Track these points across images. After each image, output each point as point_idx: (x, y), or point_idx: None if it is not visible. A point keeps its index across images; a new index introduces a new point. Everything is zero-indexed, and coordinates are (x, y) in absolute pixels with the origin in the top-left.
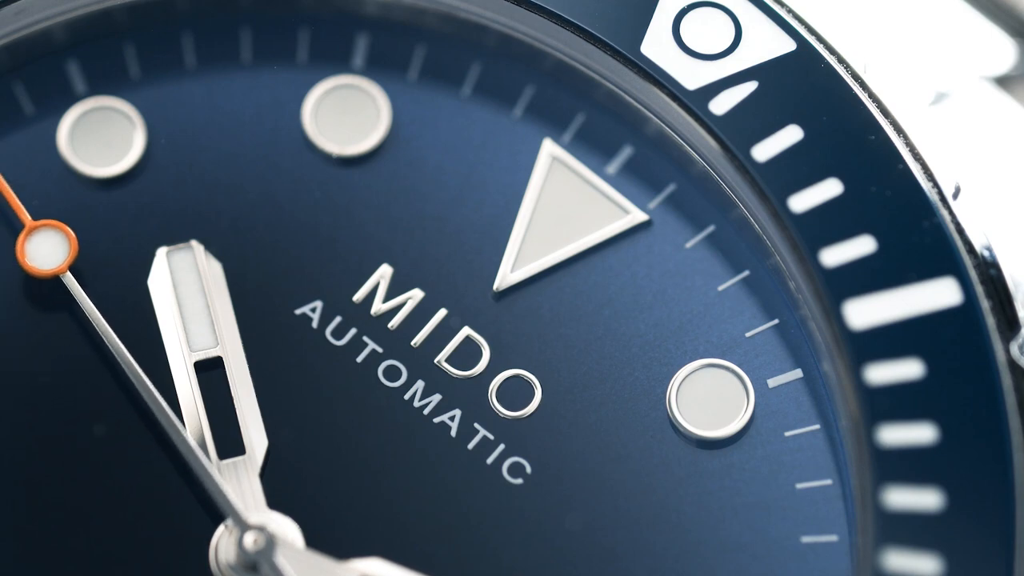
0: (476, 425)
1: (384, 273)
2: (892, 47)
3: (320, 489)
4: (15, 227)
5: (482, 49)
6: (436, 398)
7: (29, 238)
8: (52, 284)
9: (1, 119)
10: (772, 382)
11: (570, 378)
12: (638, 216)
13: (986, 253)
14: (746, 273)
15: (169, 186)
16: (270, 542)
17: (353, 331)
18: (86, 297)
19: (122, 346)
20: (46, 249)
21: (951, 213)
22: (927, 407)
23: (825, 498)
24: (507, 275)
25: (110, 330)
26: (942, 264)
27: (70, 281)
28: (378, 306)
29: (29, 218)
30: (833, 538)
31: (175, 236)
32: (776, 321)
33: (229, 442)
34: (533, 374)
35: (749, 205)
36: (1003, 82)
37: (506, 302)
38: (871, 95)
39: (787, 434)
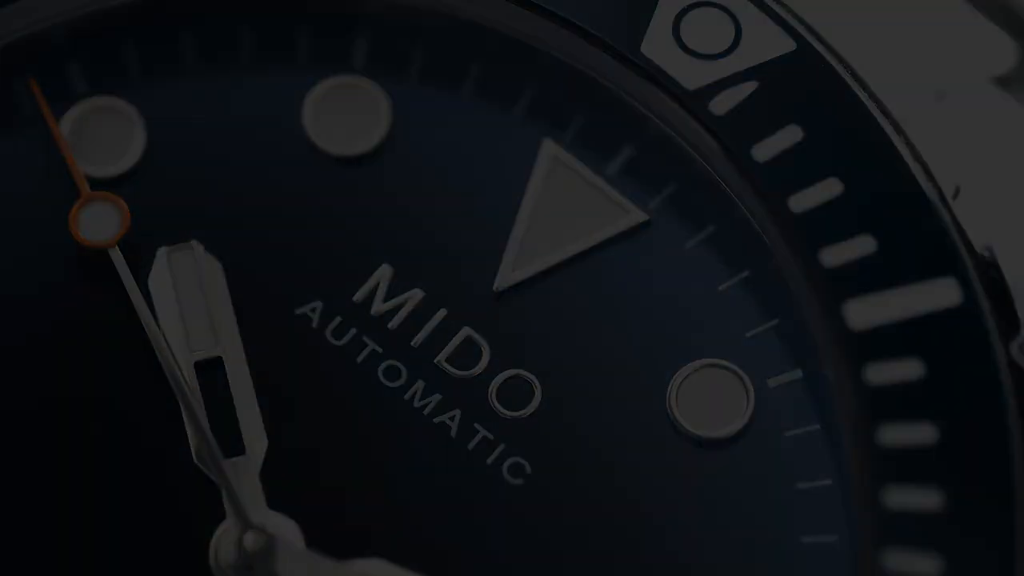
0: (476, 425)
1: (384, 273)
2: (892, 47)
3: (320, 489)
4: (72, 196)
5: (482, 49)
6: (436, 398)
7: (83, 208)
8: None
9: (1, 119)
10: (772, 382)
11: (570, 378)
12: (638, 216)
13: (986, 253)
14: (746, 273)
15: (169, 186)
16: (270, 542)
17: (353, 331)
18: (131, 275)
19: (157, 329)
20: (98, 222)
21: (951, 213)
22: (927, 407)
23: (825, 498)
24: (507, 275)
25: (148, 312)
26: (942, 264)
27: (117, 256)
28: (378, 306)
29: (87, 187)
30: (833, 538)
31: (175, 236)
32: (776, 321)
33: (229, 442)
34: (533, 374)
35: (749, 205)
36: (1003, 82)
37: (506, 302)
38: (871, 95)
39: (787, 434)
